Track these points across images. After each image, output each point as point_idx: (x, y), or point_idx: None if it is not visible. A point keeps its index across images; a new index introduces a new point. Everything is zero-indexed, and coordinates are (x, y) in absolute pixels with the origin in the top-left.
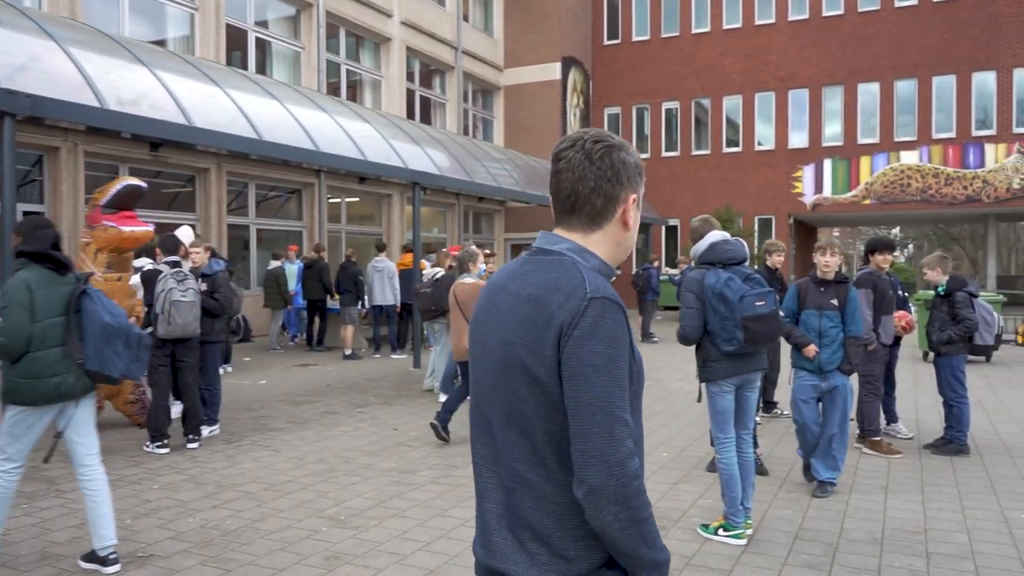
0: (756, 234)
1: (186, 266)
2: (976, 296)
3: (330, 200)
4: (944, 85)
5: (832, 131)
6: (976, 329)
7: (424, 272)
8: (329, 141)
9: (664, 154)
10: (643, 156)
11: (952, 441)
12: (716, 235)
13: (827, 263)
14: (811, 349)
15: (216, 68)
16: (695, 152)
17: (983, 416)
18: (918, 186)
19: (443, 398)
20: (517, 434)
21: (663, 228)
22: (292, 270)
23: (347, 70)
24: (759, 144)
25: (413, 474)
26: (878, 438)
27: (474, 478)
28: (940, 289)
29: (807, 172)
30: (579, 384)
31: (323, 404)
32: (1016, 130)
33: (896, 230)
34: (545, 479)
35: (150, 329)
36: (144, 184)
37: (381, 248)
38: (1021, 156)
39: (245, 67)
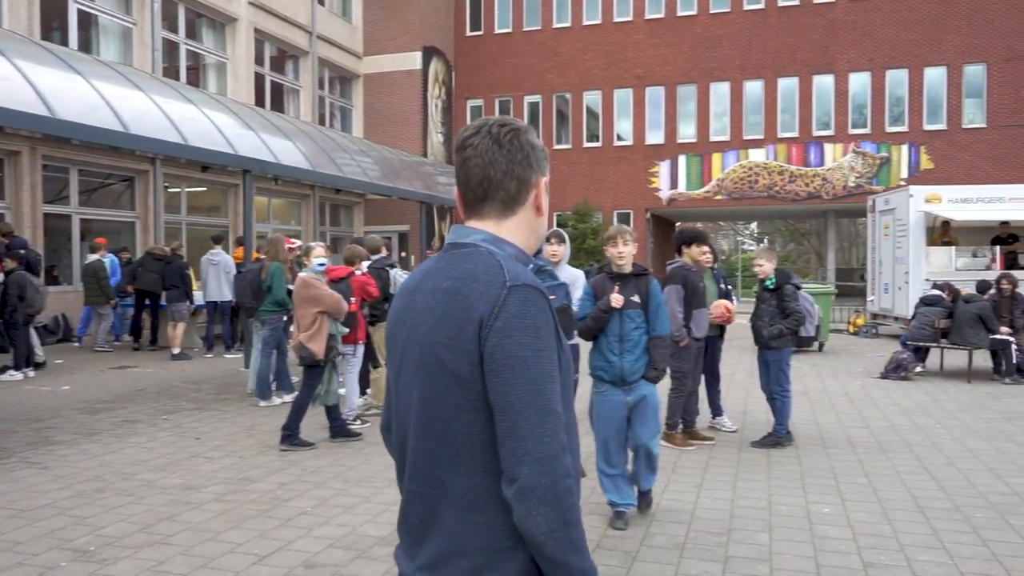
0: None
1: None
2: (800, 288)
3: (169, 189)
4: (788, 87)
5: (686, 128)
6: (803, 322)
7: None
8: (144, 123)
9: None
10: None
11: (771, 434)
12: None
13: (620, 254)
14: (616, 298)
15: (12, 38)
16: (557, 146)
17: (807, 406)
18: (765, 183)
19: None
20: (437, 440)
21: None
22: (105, 264)
23: (187, 50)
24: (618, 139)
25: (198, 491)
26: (673, 432)
27: (399, 487)
28: (768, 283)
29: (663, 168)
30: (505, 378)
31: (125, 412)
32: (852, 131)
33: (753, 225)
34: (469, 486)
35: None
36: None
37: (217, 240)
38: (856, 156)
39: (66, 43)
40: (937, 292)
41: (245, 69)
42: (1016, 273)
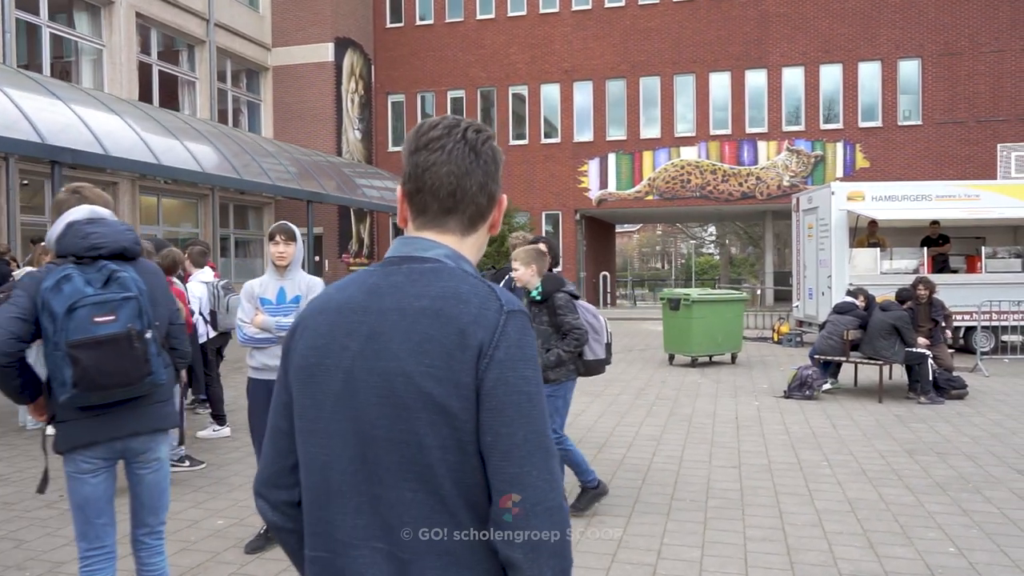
0: (544, 230)
1: None
2: (578, 298)
3: (25, 186)
4: (720, 82)
5: (616, 125)
6: (586, 340)
7: (15, 273)
8: None
9: None
10: None
11: (587, 489)
12: (80, 212)
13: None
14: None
15: None
16: None
17: (680, 436)
18: (697, 182)
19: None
20: (413, 489)
21: None
22: None
23: (51, 35)
24: (546, 137)
25: None
26: None
27: (321, 571)
28: (534, 293)
29: (592, 167)
30: (511, 417)
31: None
32: (785, 128)
33: (712, 228)
34: (457, 540)
35: None
36: None
37: (36, 242)
38: (790, 154)
39: None
40: (850, 299)
41: (126, 58)
42: (944, 277)
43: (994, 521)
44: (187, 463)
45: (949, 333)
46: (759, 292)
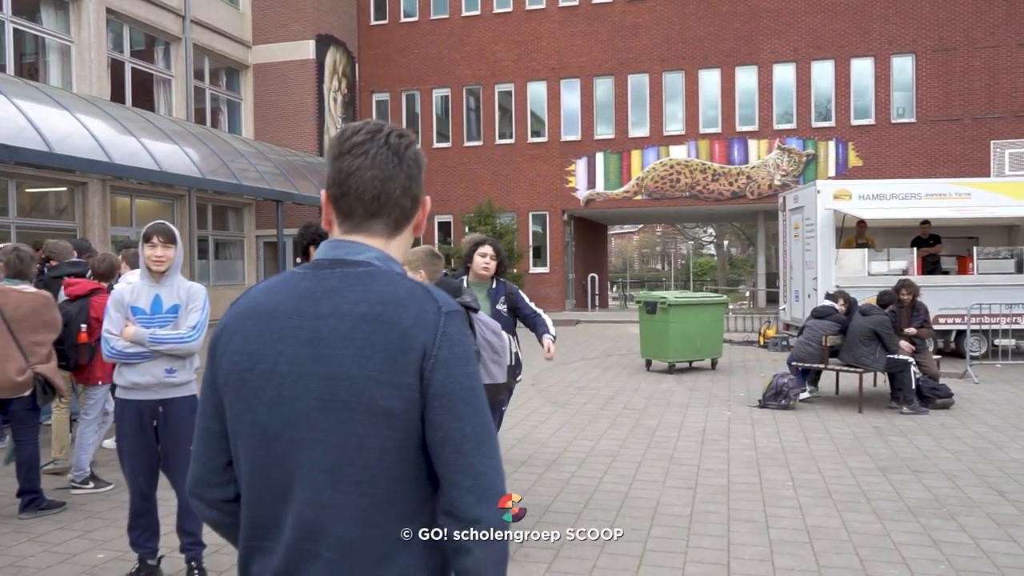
0: (531, 231)
1: None
2: (477, 310)
3: None
4: (710, 79)
5: (604, 124)
6: (479, 360)
7: None
8: None
9: (436, 144)
10: None
11: None
12: None
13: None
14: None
15: None
16: (468, 143)
17: (639, 450)
18: (687, 182)
19: None
20: (347, 491)
21: (435, 225)
22: None
23: (15, 30)
24: (532, 136)
25: None
26: None
27: (257, 559)
28: None
29: (580, 166)
30: (461, 412)
31: None
32: (777, 126)
33: (711, 229)
34: (383, 538)
35: None
36: None
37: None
38: (781, 152)
39: None
40: (829, 303)
41: (96, 54)
42: (934, 278)
43: (966, 554)
44: (91, 484)
45: (928, 340)
46: (748, 294)
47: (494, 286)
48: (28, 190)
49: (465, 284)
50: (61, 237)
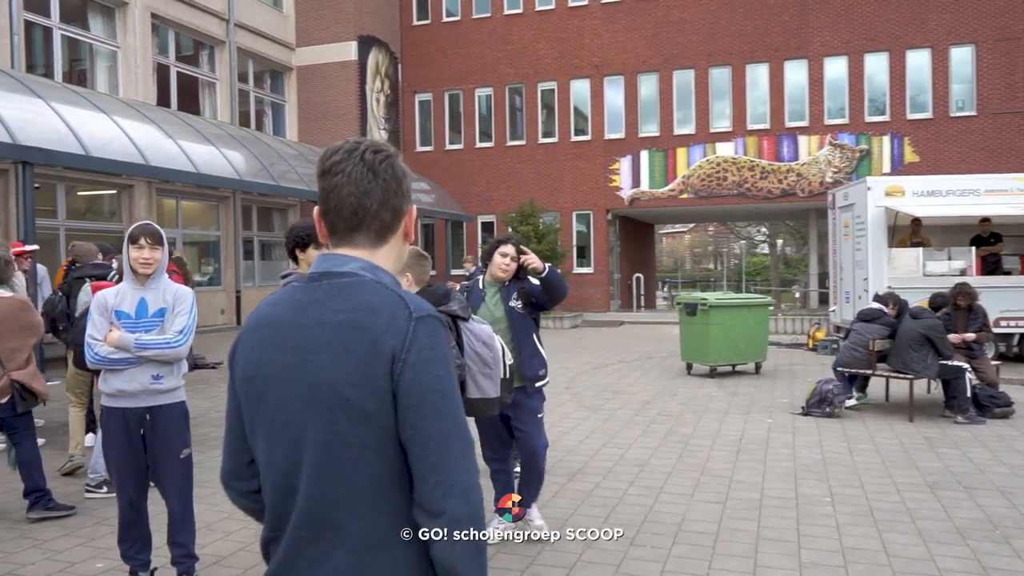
0: (574, 231)
1: None
2: (466, 319)
3: (36, 189)
4: (758, 74)
5: (648, 121)
6: (463, 376)
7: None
8: None
9: (479, 144)
10: (456, 146)
11: None
12: None
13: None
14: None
15: None
16: (510, 143)
17: (670, 459)
18: (734, 179)
19: None
20: (336, 484)
21: (479, 225)
22: None
23: (63, 37)
24: (576, 134)
25: None
26: None
27: (273, 548)
28: None
29: (624, 164)
30: (427, 413)
31: None
32: (828, 121)
33: (764, 228)
34: (372, 528)
35: None
36: None
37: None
38: (833, 148)
39: None
40: (878, 305)
41: (142, 59)
42: (995, 279)
43: None
44: (105, 489)
45: (986, 345)
46: (799, 295)
47: (507, 283)
48: (80, 193)
49: (481, 284)
50: (108, 239)
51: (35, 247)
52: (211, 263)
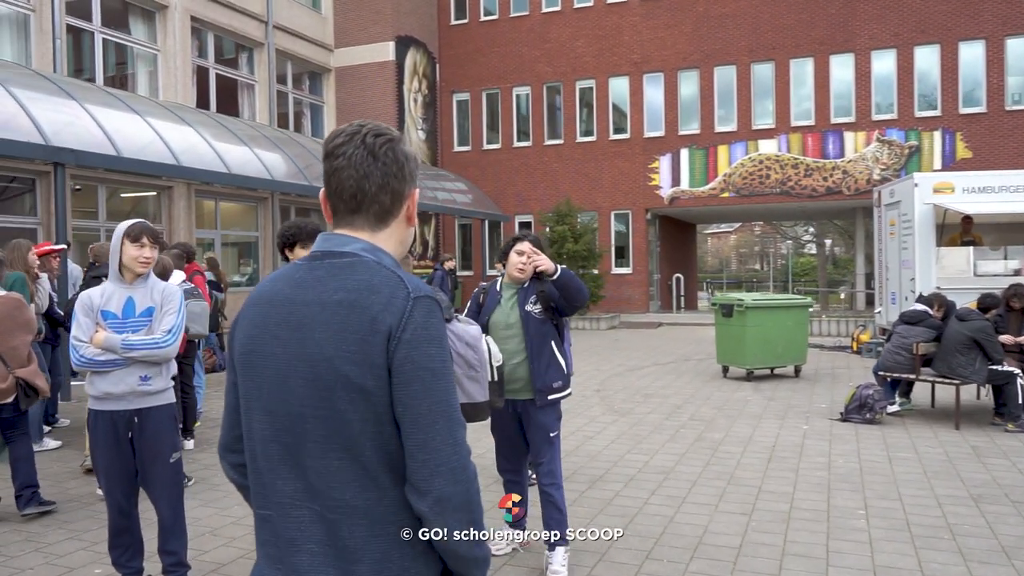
0: (613, 230)
1: None
2: (449, 320)
3: (78, 191)
4: (802, 69)
5: (688, 119)
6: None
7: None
8: None
9: (516, 144)
10: (494, 146)
11: None
12: None
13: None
14: None
15: None
16: (548, 142)
17: (697, 466)
18: (777, 177)
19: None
20: (339, 457)
21: (516, 225)
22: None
23: (104, 40)
24: (615, 132)
25: None
26: None
27: (265, 527)
28: None
29: (664, 163)
30: (415, 391)
31: None
32: (875, 117)
33: (811, 228)
34: (378, 500)
35: None
36: None
37: None
38: (880, 145)
39: None
40: (922, 307)
41: (181, 62)
42: None
43: None
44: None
45: None
46: (844, 295)
47: (525, 285)
48: (122, 195)
49: (499, 286)
50: None
51: (63, 246)
52: (250, 263)
